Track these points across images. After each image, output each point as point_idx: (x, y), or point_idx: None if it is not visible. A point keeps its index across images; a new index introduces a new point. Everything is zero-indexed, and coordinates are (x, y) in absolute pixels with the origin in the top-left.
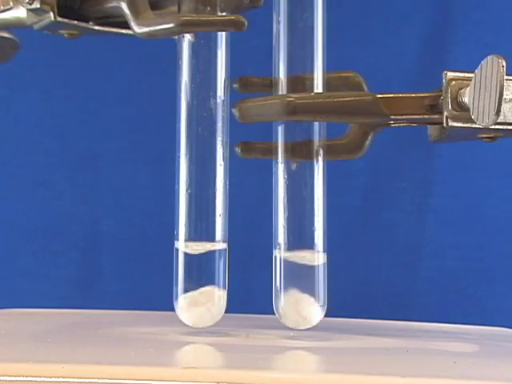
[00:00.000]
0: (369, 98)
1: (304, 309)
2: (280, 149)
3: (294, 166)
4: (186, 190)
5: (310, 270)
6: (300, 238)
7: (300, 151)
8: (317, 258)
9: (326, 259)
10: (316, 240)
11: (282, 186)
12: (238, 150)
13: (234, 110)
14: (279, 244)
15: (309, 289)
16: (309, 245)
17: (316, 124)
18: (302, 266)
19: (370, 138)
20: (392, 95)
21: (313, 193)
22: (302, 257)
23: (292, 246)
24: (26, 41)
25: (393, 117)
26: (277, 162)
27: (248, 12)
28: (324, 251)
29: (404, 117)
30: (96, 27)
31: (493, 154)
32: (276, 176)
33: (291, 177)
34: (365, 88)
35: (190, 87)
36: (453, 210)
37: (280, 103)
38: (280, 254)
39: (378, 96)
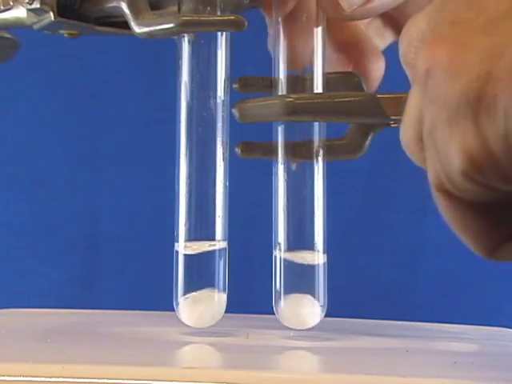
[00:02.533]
0: (369, 98)
1: (304, 309)
2: (280, 149)
3: (293, 167)
4: (186, 191)
5: (310, 270)
6: (300, 237)
7: (300, 151)
8: (317, 257)
9: (325, 259)
10: (316, 240)
11: (282, 186)
12: (237, 150)
13: (233, 111)
14: (279, 244)
15: (309, 289)
16: (309, 245)
17: (316, 124)
18: (301, 266)
19: (369, 138)
20: (392, 95)
21: (313, 193)
22: (301, 257)
23: (292, 245)
24: (25, 41)
25: (393, 117)
26: (277, 162)
27: (248, 12)
28: (324, 251)
29: None
30: (96, 27)
31: None
32: (276, 176)
33: (291, 177)
34: (364, 88)
35: (189, 87)
36: None
37: (280, 103)
38: (280, 253)
39: (378, 96)
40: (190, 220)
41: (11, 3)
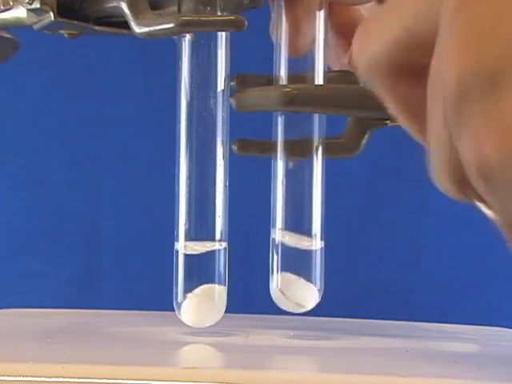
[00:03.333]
0: (369, 92)
1: (299, 292)
2: (278, 147)
3: (291, 165)
4: (186, 191)
5: (307, 254)
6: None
7: (298, 149)
8: (314, 243)
9: (323, 245)
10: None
11: (279, 184)
12: (234, 147)
13: (231, 100)
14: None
15: (305, 272)
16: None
17: (315, 122)
18: (298, 250)
19: (366, 136)
20: None
21: (311, 191)
22: (298, 240)
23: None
24: (25, 41)
25: None
26: (274, 160)
27: (248, 12)
28: (321, 238)
29: None
30: (96, 27)
31: None
32: (275, 174)
33: (289, 175)
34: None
35: (189, 87)
36: (453, 210)
37: (278, 93)
38: (278, 237)
39: None
40: (190, 220)
41: (11, 3)
